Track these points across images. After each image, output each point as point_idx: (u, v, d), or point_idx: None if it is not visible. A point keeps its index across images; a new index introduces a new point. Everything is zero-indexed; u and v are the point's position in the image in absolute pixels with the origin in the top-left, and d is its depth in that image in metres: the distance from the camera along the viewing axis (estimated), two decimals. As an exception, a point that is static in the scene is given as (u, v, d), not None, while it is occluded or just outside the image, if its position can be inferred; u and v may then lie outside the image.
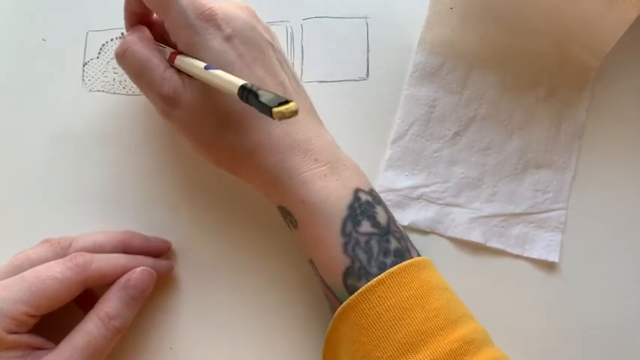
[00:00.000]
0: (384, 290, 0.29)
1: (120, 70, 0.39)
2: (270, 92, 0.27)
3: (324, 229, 0.30)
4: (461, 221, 0.37)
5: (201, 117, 0.32)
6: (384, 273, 0.29)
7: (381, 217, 0.31)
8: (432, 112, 0.39)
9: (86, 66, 0.40)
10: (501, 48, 0.38)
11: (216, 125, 0.32)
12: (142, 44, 0.33)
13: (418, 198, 0.38)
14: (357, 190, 0.31)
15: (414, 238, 0.37)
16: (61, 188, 0.38)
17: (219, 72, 0.30)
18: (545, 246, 0.37)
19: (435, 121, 0.38)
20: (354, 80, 0.39)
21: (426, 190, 0.38)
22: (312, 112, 0.35)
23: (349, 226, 0.30)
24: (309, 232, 0.31)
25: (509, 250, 0.37)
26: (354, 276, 0.30)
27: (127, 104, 0.39)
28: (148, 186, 0.38)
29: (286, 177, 0.31)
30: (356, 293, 0.29)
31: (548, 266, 0.37)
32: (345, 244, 0.30)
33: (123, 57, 0.33)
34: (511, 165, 0.38)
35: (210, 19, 0.31)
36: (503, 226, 0.37)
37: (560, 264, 0.37)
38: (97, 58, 0.40)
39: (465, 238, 0.37)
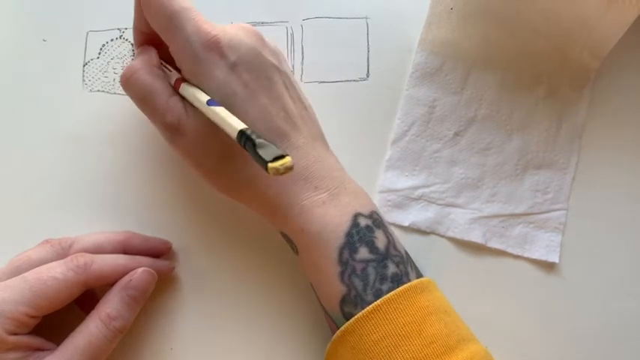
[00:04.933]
0: (380, 317, 0.29)
1: (120, 70, 0.39)
2: (267, 143, 0.26)
3: (322, 257, 0.30)
4: (461, 222, 0.37)
5: (202, 147, 0.32)
6: (380, 300, 0.29)
7: (380, 242, 0.31)
8: (432, 113, 0.39)
9: (86, 66, 0.40)
10: (501, 48, 0.38)
11: (217, 155, 0.32)
12: (146, 70, 0.32)
13: (418, 198, 0.38)
14: (356, 216, 0.31)
15: (414, 238, 0.37)
16: (61, 188, 0.38)
17: (220, 110, 0.29)
18: (545, 246, 0.37)
19: (435, 121, 0.38)
20: (354, 80, 0.39)
21: (426, 190, 0.38)
22: (318, 135, 0.34)
23: (346, 254, 0.30)
24: (309, 259, 0.31)
25: (509, 250, 0.37)
26: (351, 304, 0.30)
27: (127, 105, 0.39)
28: (148, 186, 0.38)
29: (286, 206, 0.31)
30: (351, 320, 0.29)
31: (548, 267, 0.37)
32: (342, 273, 0.30)
33: (127, 83, 0.33)
34: (511, 165, 0.38)
35: (214, 47, 0.31)
36: (503, 227, 0.37)
37: (560, 264, 0.37)
38: (98, 58, 0.40)
39: (465, 238, 0.37)
